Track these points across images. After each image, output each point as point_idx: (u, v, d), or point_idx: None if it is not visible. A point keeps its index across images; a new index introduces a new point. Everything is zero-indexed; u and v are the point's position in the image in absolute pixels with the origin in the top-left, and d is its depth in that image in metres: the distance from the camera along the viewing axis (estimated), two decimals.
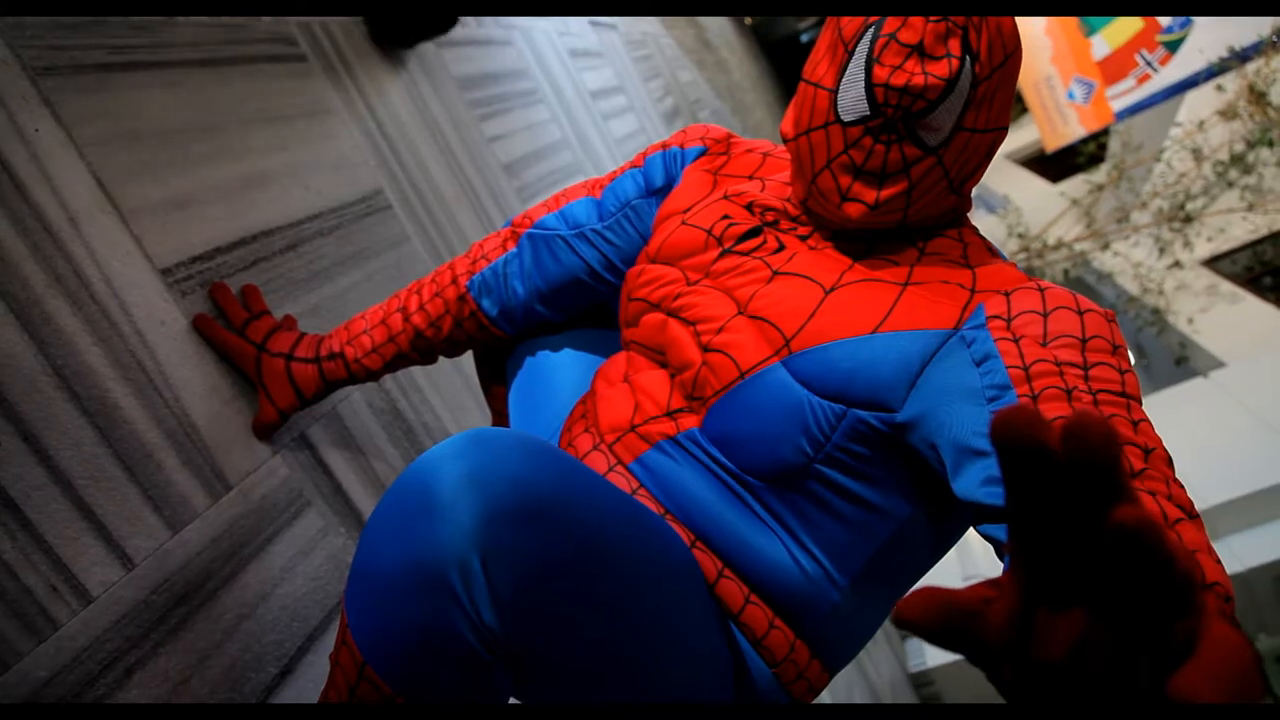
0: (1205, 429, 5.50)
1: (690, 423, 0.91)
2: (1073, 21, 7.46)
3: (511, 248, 1.13)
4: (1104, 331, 0.79)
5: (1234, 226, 8.54)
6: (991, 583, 0.37)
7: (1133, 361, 0.84)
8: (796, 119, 0.90)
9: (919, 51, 0.80)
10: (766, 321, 0.88)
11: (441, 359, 1.73)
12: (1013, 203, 11.37)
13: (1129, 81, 7.36)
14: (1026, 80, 7.75)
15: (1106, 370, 0.76)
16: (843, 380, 0.83)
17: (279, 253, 1.42)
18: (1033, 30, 7.51)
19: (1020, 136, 16.62)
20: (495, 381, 1.26)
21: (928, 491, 0.87)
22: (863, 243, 0.92)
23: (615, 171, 1.13)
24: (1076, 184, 9.81)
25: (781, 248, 0.93)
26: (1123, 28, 7.35)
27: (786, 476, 0.86)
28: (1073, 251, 8.42)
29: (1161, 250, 8.08)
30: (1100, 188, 8.27)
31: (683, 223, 1.00)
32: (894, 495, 0.86)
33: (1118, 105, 7.36)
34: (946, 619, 0.35)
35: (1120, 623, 0.33)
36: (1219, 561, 0.67)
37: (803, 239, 0.93)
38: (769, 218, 0.96)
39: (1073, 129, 7.69)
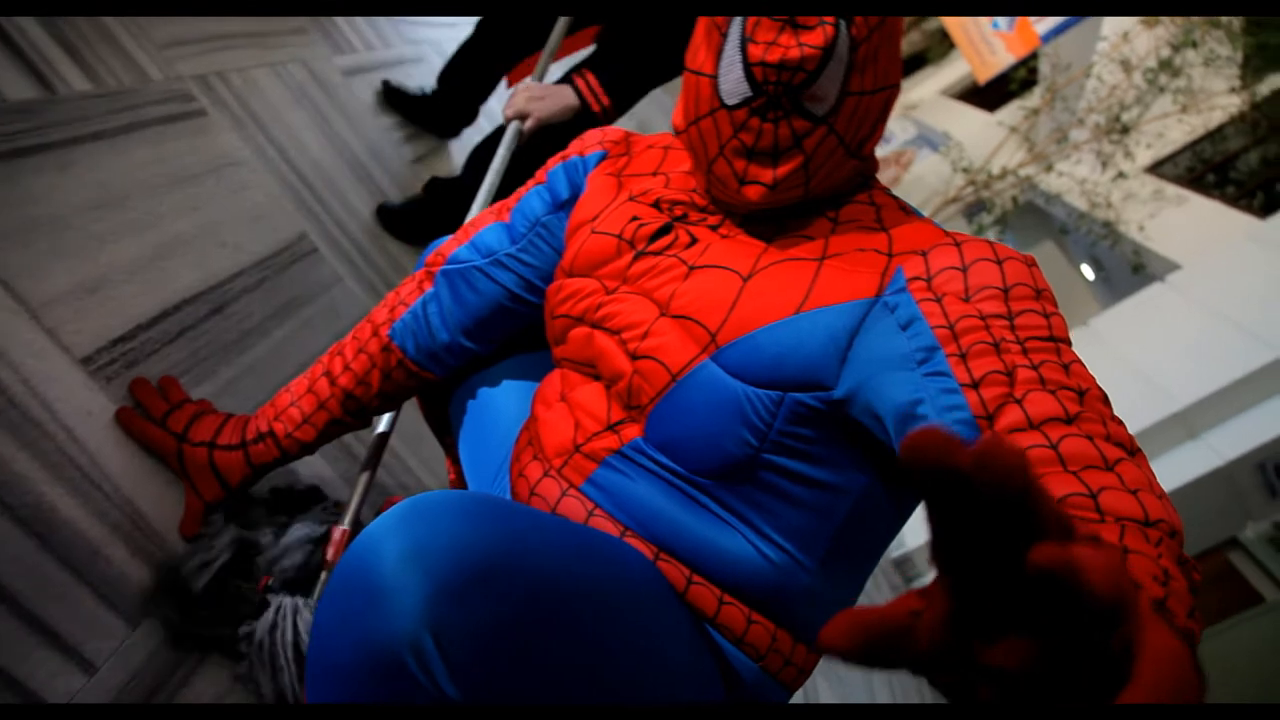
0: (1170, 331, 5.57)
1: (633, 433, 0.90)
2: None
3: (428, 288, 1.11)
4: (1025, 278, 0.78)
5: (1171, 130, 8.62)
6: (920, 592, 0.36)
7: (1058, 304, 0.84)
8: (685, 110, 0.89)
9: (791, 23, 0.79)
10: (690, 319, 0.86)
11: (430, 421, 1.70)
12: (953, 138, 11.42)
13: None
14: (956, 19, 7.76)
15: (1032, 317, 0.75)
16: (773, 366, 0.82)
17: (205, 318, 1.38)
18: None
19: (952, 71, 16.68)
20: (445, 431, 1.24)
21: (880, 462, 0.86)
22: (774, 223, 0.91)
23: (520, 191, 1.11)
24: (1012, 111, 9.87)
25: (694, 241, 0.91)
26: None
27: (736, 471, 0.85)
28: (1018, 177, 8.47)
29: (1104, 164, 8.15)
30: (1036, 111, 8.32)
31: (592, 232, 0.98)
32: (847, 471, 0.85)
33: (1042, 28, 7.39)
34: (875, 641, 0.33)
35: (1053, 640, 0.32)
36: (1162, 496, 0.67)
37: (714, 228, 0.92)
38: (677, 212, 0.94)
39: (1001, 57, 7.71)
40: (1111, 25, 8.33)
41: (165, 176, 1.47)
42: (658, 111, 6.28)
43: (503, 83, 2.45)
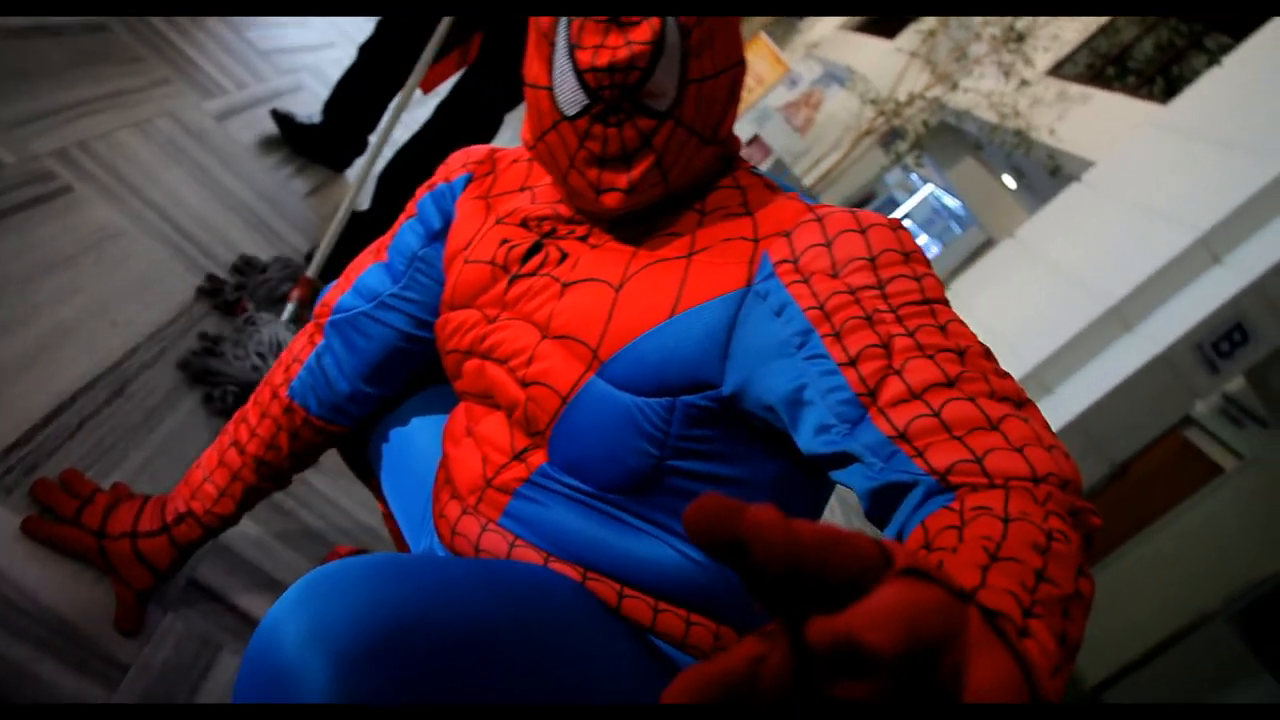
0: (1093, 229, 5.66)
1: (539, 459, 0.89)
2: None
3: (320, 340, 1.08)
4: (891, 243, 0.78)
5: (1065, 30, 8.73)
6: (761, 635, 0.35)
7: (930, 262, 0.84)
8: (531, 126, 0.87)
9: (615, 22, 0.77)
10: (570, 338, 0.85)
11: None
12: (858, 72, 11.47)
13: None
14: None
15: (902, 282, 0.75)
16: (657, 373, 0.81)
17: (106, 403, 1.34)
18: None
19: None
20: (369, 474, 1.21)
21: (785, 447, 0.86)
22: (642, 224, 0.89)
23: (394, 227, 1.08)
24: (910, 36, 9.92)
25: (565, 256, 0.90)
26: None
27: (644, 482, 0.84)
28: (926, 100, 8.53)
29: (1006, 74, 8.24)
30: (932, 33, 8.37)
31: (466, 262, 0.96)
32: (755, 462, 0.85)
33: None
34: (719, 695, 0.32)
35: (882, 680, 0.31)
36: (1052, 447, 0.67)
37: (583, 239, 0.90)
38: (545, 228, 0.93)
39: None
40: None
41: (38, 264, 1.41)
42: None
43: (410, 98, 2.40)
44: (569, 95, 0.81)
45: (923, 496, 0.67)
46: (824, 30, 17.42)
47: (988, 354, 0.73)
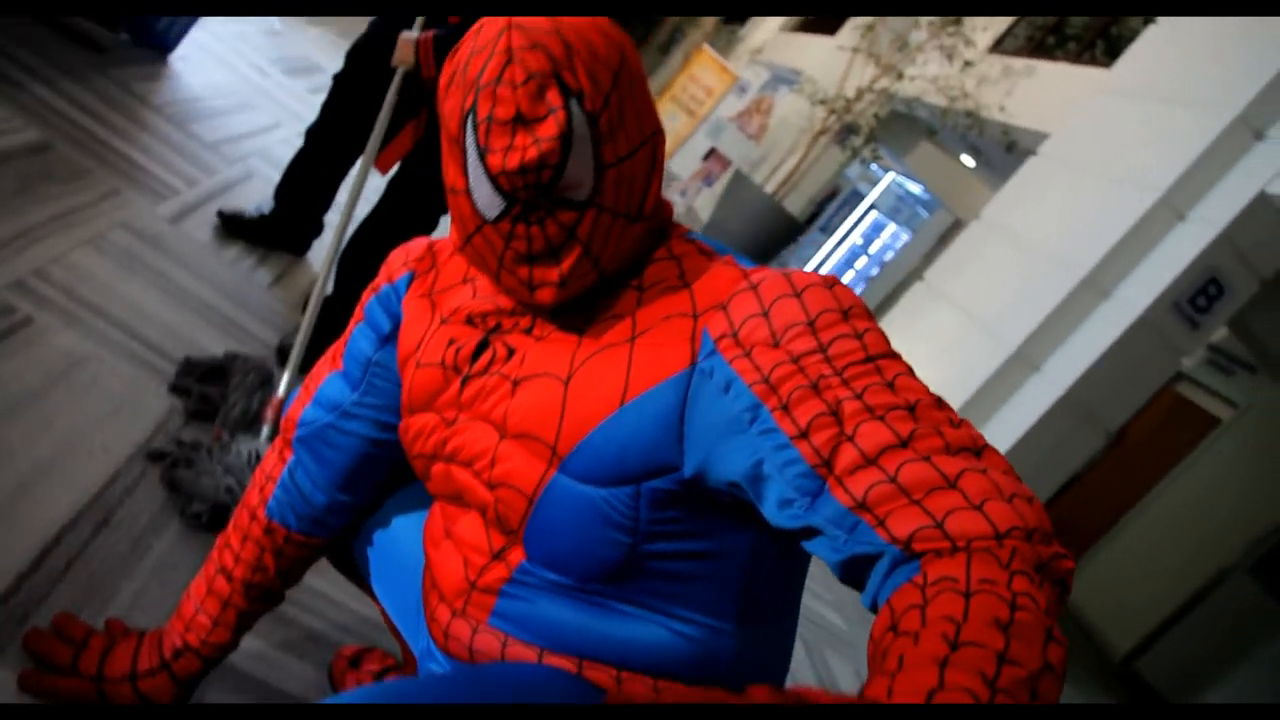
0: (1055, 201, 5.70)
1: (518, 556, 0.88)
2: None
3: (290, 456, 1.08)
4: (828, 303, 0.77)
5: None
6: None
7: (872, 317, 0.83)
8: (457, 228, 0.87)
9: (519, 122, 0.76)
10: (528, 437, 0.84)
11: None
12: (804, 73, 11.55)
13: None
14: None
15: (844, 342, 0.75)
16: (616, 464, 0.80)
17: (91, 537, 1.32)
18: None
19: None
20: (361, 578, 1.20)
21: (756, 516, 0.85)
22: (583, 309, 0.88)
23: (346, 333, 1.08)
24: (850, 33, 10.01)
25: (512, 352, 0.89)
26: None
27: (622, 569, 0.84)
28: (875, 93, 8.59)
29: (950, 57, 8.30)
30: (871, 27, 8.44)
31: (418, 366, 0.96)
32: (727, 535, 0.84)
33: None
34: None
35: None
36: (1013, 497, 0.66)
37: (528, 331, 0.90)
38: (490, 324, 0.92)
39: None
40: None
41: (6, 405, 1.39)
42: None
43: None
44: (487, 199, 0.81)
45: (889, 567, 0.67)
46: (766, 34, 17.56)
47: (939, 404, 0.73)
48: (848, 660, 2.79)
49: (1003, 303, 5.48)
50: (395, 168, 2.11)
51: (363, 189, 2.03)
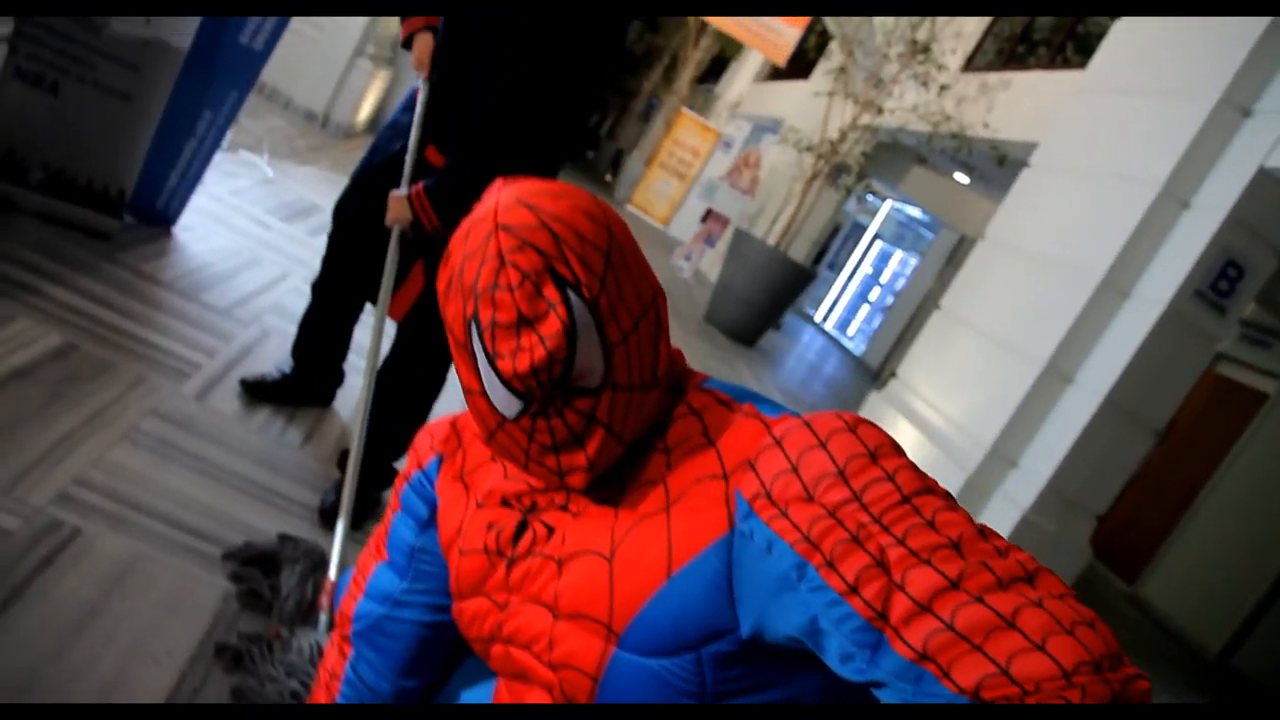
0: (1057, 209, 5.69)
1: None
2: None
3: (349, 652, 1.08)
4: (854, 448, 0.77)
5: (966, 25, 8.94)
6: None
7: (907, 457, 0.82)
8: (479, 424, 0.88)
9: (522, 324, 0.78)
10: (582, 616, 0.84)
11: None
12: (786, 122, 11.70)
13: None
14: (731, 20, 7.97)
15: (877, 486, 0.74)
16: (674, 634, 0.80)
17: None
18: None
19: (755, 57, 17.12)
20: None
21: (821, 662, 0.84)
22: (614, 480, 0.89)
23: (385, 522, 1.09)
24: (822, 77, 10.14)
25: (552, 531, 0.90)
26: None
27: None
28: (858, 130, 8.67)
29: (925, 84, 8.39)
30: (843, 69, 8.55)
31: (461, 554, 0.97)
32: (797, 680, 0.82)
33: None
34: None
35: None
36: (1074, 626, 0.64)
37: (564, 508, 0.90)
38: (525, 503, 0.93)
39: (787, 35, 7.98)
40: None
41: (67, 627, 1.41)
42: None
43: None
44: (503, 400, 0.83)
45: None
46: (741, 87, 17.84)
47: (983, 533, 0.72)
48: None
49: (1024, 320, 5.44)
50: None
51: (380, 341, 2.05)
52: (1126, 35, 5.85)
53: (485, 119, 1.89)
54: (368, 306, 2.31)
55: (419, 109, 2.07)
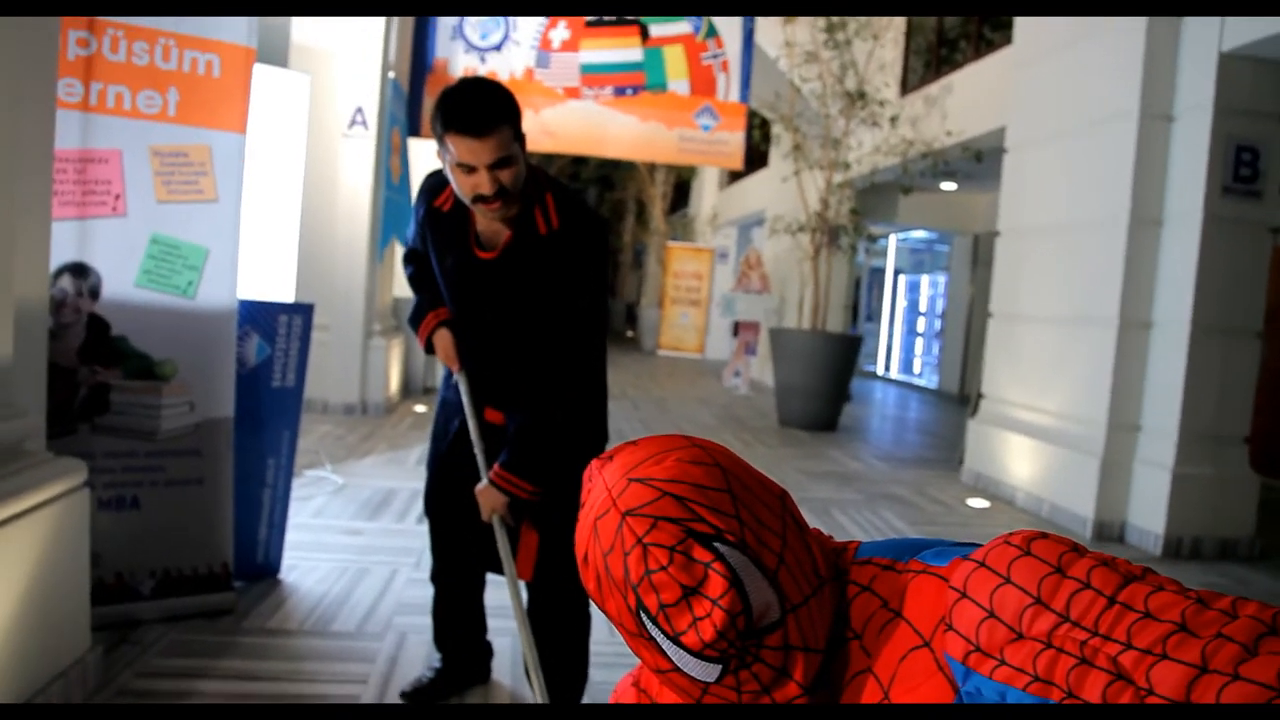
0: (1054, 178, 5.69)
1: None
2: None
3: None
4: (1039, 569, 0.76)
5: (885, 52, 9.19)
6: None
7: (1091, 548, 0.82)
8: (681, 695, 0.88)
9: (689, 595, 0.79)
10: None
11: None
12: (766, 211, 11.95)
13: (720, 78, 7.99)
14: (676, 149, 8.24)
15: (1079, 598, 0.72)
16: None
17: None
18: (637, 128, 8.04)
19: (712, 171, 17.66)
20: None
21: None
22: (823, 687, 0.88)
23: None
24: (781, 162, 10.41)
25: None
26: (674, 62, 8.03)
27: None
28: (838, 191, 8.82)
29: (875, 123, 8.58)
30: (796, 146, 8.78)
31: None
32: None
33: (734, 90, 7.94)
34: None
35: None
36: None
37: None
38: None
39: (733, 143, 8.18)
40: (773, 48, 9.03)
41: None
42: None
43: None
44: (701, 670, 0.82)
45: None
46: (711, 201, 18.30)
47: (1202, 601, 0.69)
48: None
49: (1077, 289, 5.37)
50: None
51: (523, 609, 2.06)
52: None
53: (531, 377, 2.00)
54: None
55: (465, 399, 2.16)
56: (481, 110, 1.80)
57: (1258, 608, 0.68)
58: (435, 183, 2.14)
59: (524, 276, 1.97)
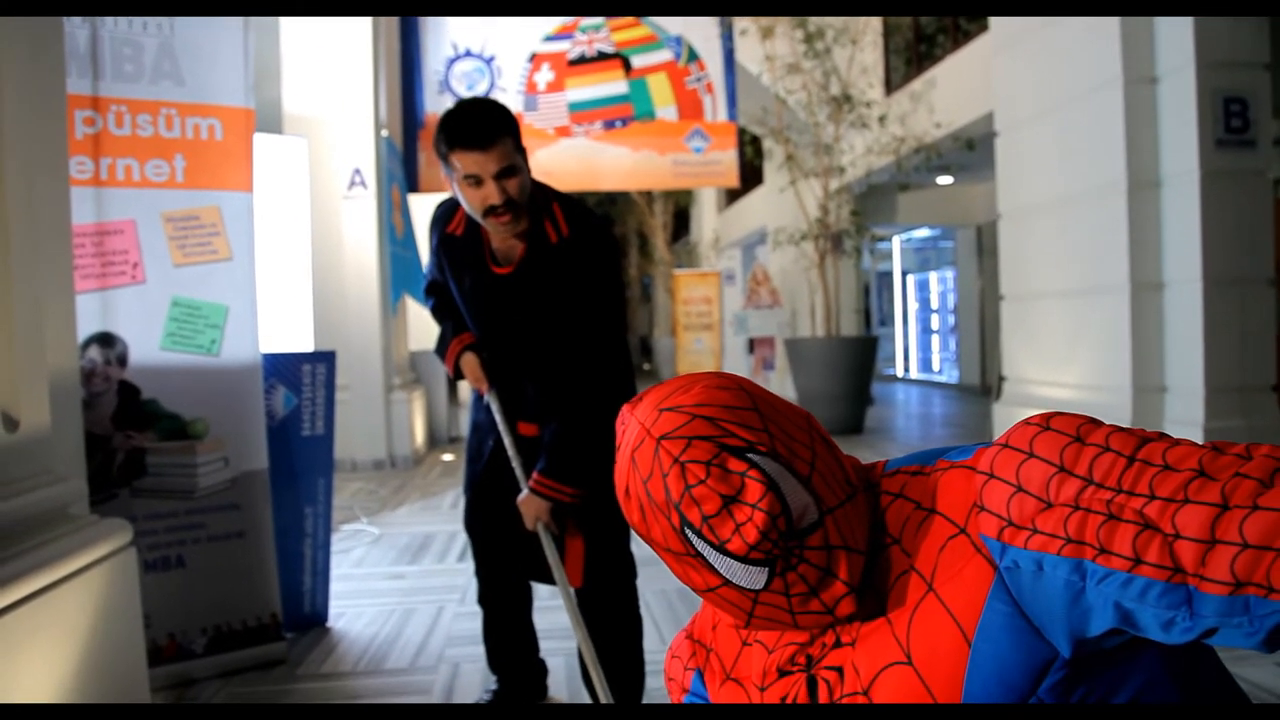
0: (1047, 153, 5.73)
1: None
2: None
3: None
4: (1059, 441, 0.80)
5: (864, 55, 9.29)
6: None
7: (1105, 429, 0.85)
8: (733, 614, 0.92)
9: (729, 504, 0.83)
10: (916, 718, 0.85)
11: None
12: (767, 226, 12.02)
13: (706, 100, 8.10)
14: (671, 174, 8.33)
15: (1100, 461, 0.76)
16: (1004, 691, 0.80)
17: None
18: (630, 158, 8.15)
19: (709, 194, 17.78)
20: None
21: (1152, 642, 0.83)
22: (870, 595, 0.91)
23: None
24: (776, 175, 10.50)
25: (841, 671, 0.91)
26: (659, 90, 8.15)
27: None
28: (836, 197, 8.88)
29: (864, 124, 8.65)
30: (789, 156, 8.86)
31: (761, 689, 0.98)
32: (1139, 669, 0.81)
33: (722, 109, 8.04)
34: None
35: None
36: None
37: (839, 645, 0.92)
38: (801, 662, 0.95)
39: (726, 161, 8.28)
40: (755, 65, 9.14)
41: None
42: None
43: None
44: (748, 577, 0.86)
45: None
46: (709, 224, 18.41)
47: (1218, 449, 0.72)
48: None
49: (1084, 260, 5.38)
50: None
51: (577, 611, 2.09)
52: None
53: (560, 383, 2.05)
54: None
55: (499, 416, 2.20)
56: (482, 123, 1.87)
57: (1271, 448, 0.71)
58: (445, 211, 2.20)
59: (542, 286, 2.03)
